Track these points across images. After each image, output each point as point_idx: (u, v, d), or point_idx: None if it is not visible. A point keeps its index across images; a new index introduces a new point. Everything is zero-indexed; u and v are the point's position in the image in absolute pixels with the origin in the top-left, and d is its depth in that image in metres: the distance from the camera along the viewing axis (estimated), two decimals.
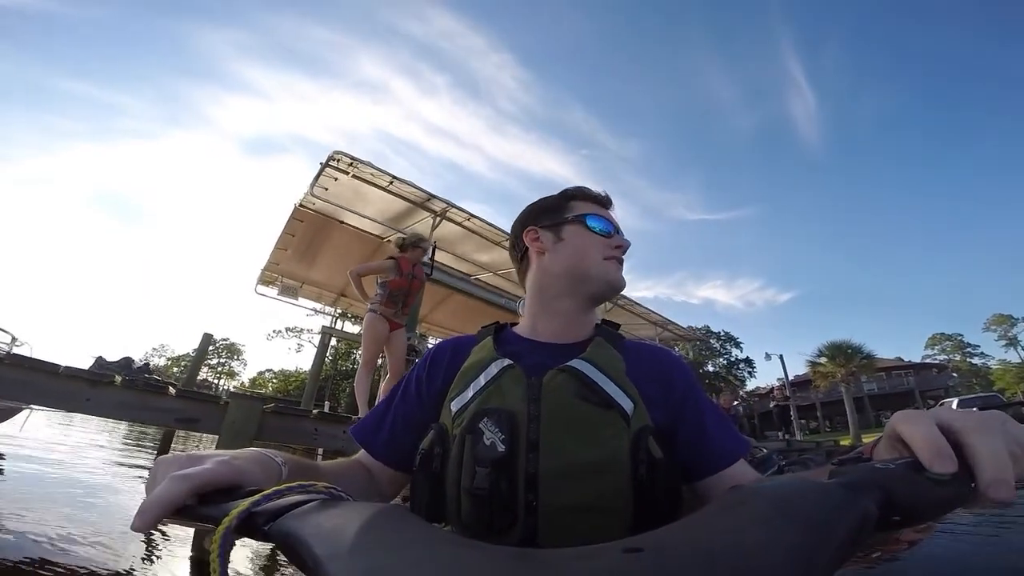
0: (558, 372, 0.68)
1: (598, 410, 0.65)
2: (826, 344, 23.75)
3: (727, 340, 42.00)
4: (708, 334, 40.65)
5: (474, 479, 0.61)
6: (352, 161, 6.15)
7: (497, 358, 0.72)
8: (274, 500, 0.36)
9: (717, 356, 41.38)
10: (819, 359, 23.84)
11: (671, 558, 0.25)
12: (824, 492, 0.30)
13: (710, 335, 40.94)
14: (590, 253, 0.80)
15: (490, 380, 0.70)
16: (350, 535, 0.30)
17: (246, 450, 0.48)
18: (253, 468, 0.45)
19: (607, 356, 0.72)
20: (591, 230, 0.82)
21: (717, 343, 41.59)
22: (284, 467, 0.50)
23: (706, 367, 39.74)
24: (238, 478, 0.42)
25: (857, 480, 0.31)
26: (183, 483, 0.38)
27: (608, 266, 0.80)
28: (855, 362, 22.96)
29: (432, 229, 7.11)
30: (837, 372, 22.97)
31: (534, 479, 0.60)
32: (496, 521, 0.59)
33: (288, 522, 0.33)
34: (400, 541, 0.30)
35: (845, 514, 0.27)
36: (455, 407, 0.69)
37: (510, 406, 0.65)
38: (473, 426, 0.65)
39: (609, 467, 0.61)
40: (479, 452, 0.62)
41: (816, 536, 0.25)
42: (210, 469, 0.40)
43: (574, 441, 0.62)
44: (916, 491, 0.31)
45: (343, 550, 0.28)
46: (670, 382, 0.74)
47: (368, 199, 6.98)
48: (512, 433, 0.63)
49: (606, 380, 0.67)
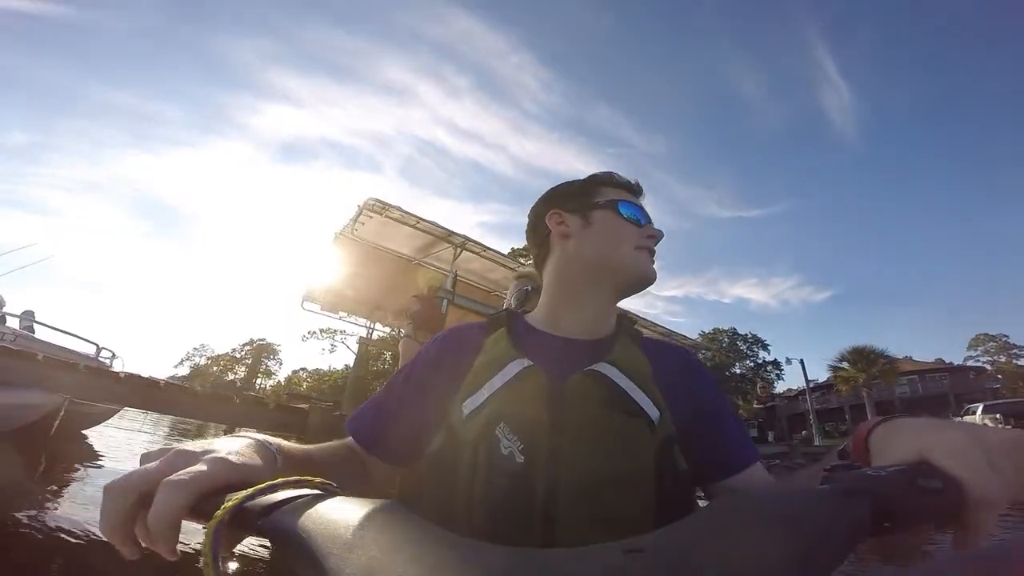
0: (583, 377, 0.64)
1: (624, 419, 0.61)
2: (848, 349, 23.90)
3: (754, 342, 41.77)
4: (735, 336, 40.64)
5: (489, 489, 0.58)
6: (384, 207, 7.38)
7: (516, 357, 0.67)
8: (267, 495, 0.36)
9: (744, 358, 41.23)
10: (841, 364, 23.97)
11: (672, 559, 0.26)
12: (820, 498, 0.31)
13: (736, 337, 40.88)
14: (622, 241, 0.75)
15: (508, 382, 0.64)
16: (347, 531, 0.30)
17: (241, 439, 0.47)
18: (251, 461, 0.44)
19: (633, 359, 0.69)
20: (623, 217, 0.76)
21: (744, 345, 41.43)
22: (278, 456, 0.49)
23: (733, 369, 39.71)
24: (235, 475, 0.40)
25: (851, 487, 0.32)
26: (182, 493, 0.36)
27: (641, 256, 0.76)
28: (877, 367, 23.03)
29: (454, 259, 8.26)
30: (859, 377, 23.07)
31: (554, 491, 0.56)
32: (512, 533, 0.55)
33: (282, 517, 0.33)
34: (399, 539, 0.29)
35: (840, 519, 0.29)
36: (467, 408, 0.64)
37: (530, 412, 0.61)
38: (489, 432, 0.60)
39: (634, 480, 0.59)
40: (495, 461, 0.58)
41: (814, 540, 0.26)
42: (207, 473, 0.38)
43: (599, 452, 0.59)
44: (907, 499, 0.31)
45: (341, 547, 0.28)
46: (690, 384, 0.72)
47: (398, 233, 8.21)
48: (532, 442, 0.59)
49: (632, 386, 0.64)
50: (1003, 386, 35.27)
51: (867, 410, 21.78)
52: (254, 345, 53.90)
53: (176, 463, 0.40)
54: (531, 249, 0.86)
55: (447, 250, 8.43)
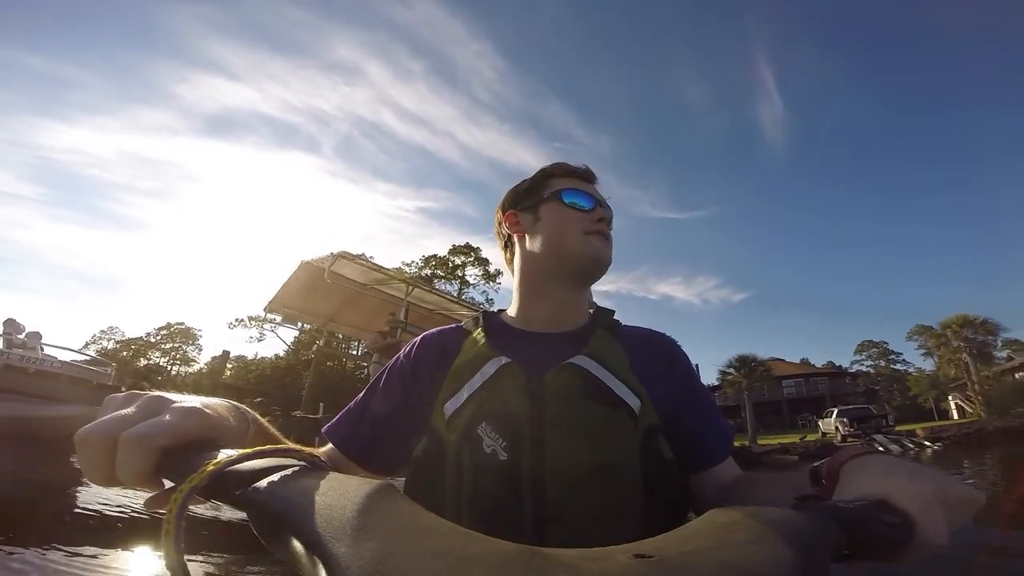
0: (561, 370, 0.64)
1: (605, 410, 0.62)
2: (735, 356, 28.13)
3: None
4: None
5: (476, 489, 0.58)
6: (353, 257, 9.16)
7: (493, 355, 0.67)
8: (251, 461, 0.32)
9: None
10: (728, 369, 28.20)
11: (681, 566, 0.26)
12: (804, 521, 0.32)
13: None
14: (568, 229, 0.76)
15: (487, 380, 0.65)
16: (345, 513, 0.28)
17: (216, 399, 0.45)
18: (224, 418, 0.41)
19: (610, 349, 0.69)
20: (568, 205, 0.77)
21: None
22: (252, 425, 0.48)
23: None
24: (208, 431, 0.38)
25: (827, 514, 0.34)
26: (147, 447, 0.34)
27: (590, 240, 0.75)
28: (757, 373, 27.49)
29: (406, 295, 10.16)
30: (742, 381, 27.35)
31: (540, 486, 0.57)
32: (501, 531, 0.54)
33: (267, 489, 0.31)
34: (404, 527, 0.28)
35: (823, 542, 0.31)
36: (448, 410, 0.64)
37: (510, 409, 0.62)
38: (471, 432, 0.61)
39: (619, 470, 0.59)
40: (479, 460, 0.59)
41: (806, 559, 0.28)
42: (177, 425, 0.36)
43: (581, 444, 0.59)
44: (871, 531, 0.35)
45: (340, 530, 0.27)
46: (670, 371, 0.72)
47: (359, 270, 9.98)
48: (514, 438, 0.59)
49: (611, 377, 0.64)
50: (881, 387, 39.78)
51: (746, 410, 25.99)
52: (172, 329, 50.95)
53: (147, 410, 0.37)
54: (502, 251, 0.87)
55: (400, 286, 10.32)
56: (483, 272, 39.42)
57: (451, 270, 39.90)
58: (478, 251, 39.87)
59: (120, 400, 0.39)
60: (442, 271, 39.61)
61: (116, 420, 0.36)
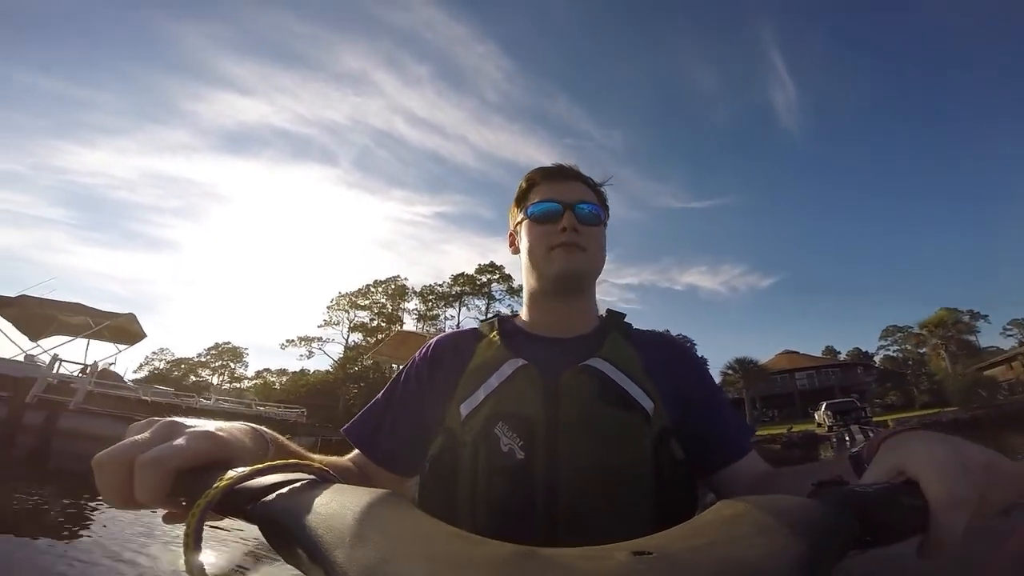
0: (576, 372, 0.66)
1: (619, 411, 0.63)
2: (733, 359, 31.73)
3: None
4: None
5: (492, 487, 0.60)
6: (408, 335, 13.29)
7: (510, 357, 0.70)
8: (260, 477, 0.35)
9: None
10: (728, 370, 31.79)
11: (679, 563, 0.26)
12: (816, 509, 0.31)
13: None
14: (536, 248, 0.78)
15: (504, 381, 0.67)
16: (350, 523, 0.29)
17: (233, 423, 0.46)
18: (239, 440, 0.43)
19: (624, 352, 0.71)
20: (536, 221, 0.79)
21: None
22: (272, 446, 0.49)
23: None
24: (221, 452, 0.40)
25: (841, 502, 0.33)
26: (160, 470, 0.36)
27: (554, 256, 0.76)
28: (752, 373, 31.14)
29: None
30: (739, 381, 31.03)
31: (554, 486, 0.58)
32: (514, 530, 0.56)
33: (275, 502, 0.32)
34: (407, 534, 0.29)
35: (834, 532, 0.30)
36: (465, 410, 0.66)
37: (527, 409, 0.63)
38: (488, 431, 0.62)
39: (632, 471, 0.60)
40: (496, 459, 0.60)
41: (813, 551, 0.27)
42: (188, 448, 0.38)
43: (596, 445, 0.60)
44: (891, 515, 0.33)
45: (345, 539, 0.28)
46: (682, 373, 0.73)
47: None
48: (530, 438, 0.61)
49: (625, 379, 0.66)
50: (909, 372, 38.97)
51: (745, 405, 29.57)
52: (220, 348, 51.94)
53: (162, 435, 0.39)
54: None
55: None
56: (507, 288, 43.37)
57: (478, 287, 43.93)
58: (502, 268, 43.59)
59: (139, 427, 0.42)
60: (470, 288, 43.84)
61: (131, 445, 0.38)
